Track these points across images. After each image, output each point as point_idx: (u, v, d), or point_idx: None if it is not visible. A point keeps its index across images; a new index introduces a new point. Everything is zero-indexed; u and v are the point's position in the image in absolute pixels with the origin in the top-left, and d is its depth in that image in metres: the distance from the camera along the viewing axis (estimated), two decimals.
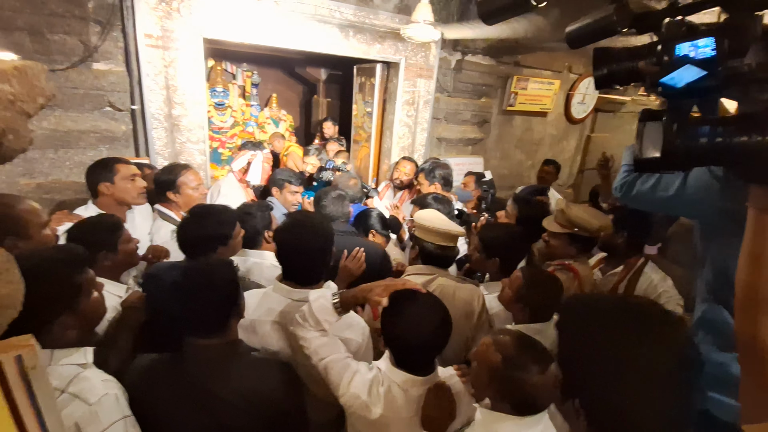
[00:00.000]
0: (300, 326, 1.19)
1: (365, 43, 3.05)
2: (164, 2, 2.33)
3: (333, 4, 2.77)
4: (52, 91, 0.79)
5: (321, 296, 1.18)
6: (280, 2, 2.60)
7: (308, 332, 1.17)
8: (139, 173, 2.02)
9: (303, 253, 1.37)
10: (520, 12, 1.14)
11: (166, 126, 2.56)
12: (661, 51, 0.77)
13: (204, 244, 1.57)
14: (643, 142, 0.75)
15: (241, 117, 5.94)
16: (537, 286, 1.52)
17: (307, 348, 1.18)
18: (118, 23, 2.29)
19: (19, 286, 0.69)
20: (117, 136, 2.42)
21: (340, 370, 1.15)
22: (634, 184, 1.23)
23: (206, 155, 2.79)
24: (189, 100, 2.59)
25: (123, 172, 1.95)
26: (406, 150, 3.60)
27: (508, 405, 0.96)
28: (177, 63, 2.47)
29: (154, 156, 2.55)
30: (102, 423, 0.91)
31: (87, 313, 1.08)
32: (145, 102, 2.42)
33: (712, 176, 1.07)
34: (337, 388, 1.14)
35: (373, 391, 1.11)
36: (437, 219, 1.74)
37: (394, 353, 1.15)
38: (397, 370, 1.13)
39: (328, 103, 6.29)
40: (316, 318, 1.15)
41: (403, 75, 3.32)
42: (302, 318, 1.18)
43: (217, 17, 2.49)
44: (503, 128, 4.14)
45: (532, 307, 1.52)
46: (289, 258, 1.40)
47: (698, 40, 0.72)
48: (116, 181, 1.93)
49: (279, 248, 1.41)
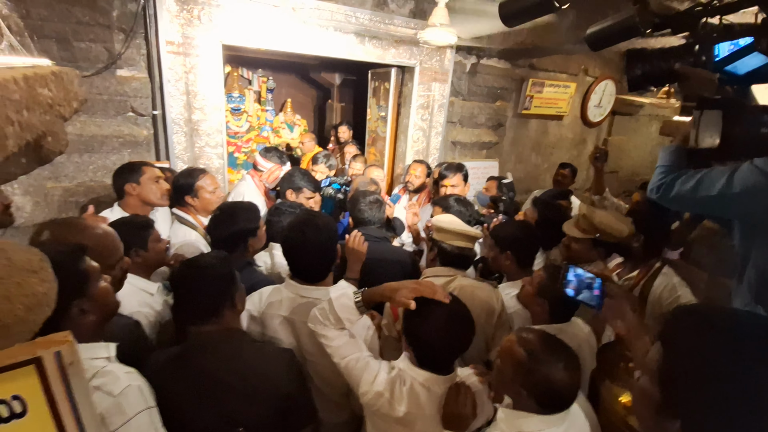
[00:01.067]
0: (320, 324, 1.19)
1: (380, 48, 3.07)
2: (185, 10, 2.39)
3: (349, 9, 2.80)
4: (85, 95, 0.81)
5: (343, 294, 1.18)
6: (297, 9, 2.64)
7: (329, 330, 1.18)
8: (163, 176, 2.08)
9: (307, 251, 1.41)
10: (542, 13, 1.13)
11: (185, 131, 2.61)
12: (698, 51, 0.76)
13: (237, 238, 1.72)
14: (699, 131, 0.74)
15: (257, 122, 6.02)
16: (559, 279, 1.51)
17: (328, 346, 1.18)
18: (141, 31, 2.35)
19: (54, 284, 0.71)
20: (139, 141, 2.48)
21: (363, 369, 1.15)
22: (674, 184, 1.20)
23: (224, 159, 2.83)
24: (208, 105, 2.64)
25: (149, 173, 2.01)
26: (421, 154, 3.60)
27: (534, 401, 0.96)
28: (197, 69, 2.53)
29: (174, 160, 2.60)
30: (127, 413, 0.91)
31: (99, 299, 1.08)
32: (166, 107, 2.48)
33: (761, 174, 1.04)
34: (359, 386, 1.14)
35: (396, 389, 1.12)
36: (455, 221, 1.77)
37: (417, 353, 1.16)
38: (418, 369, 1.14)
39: (342, 107, 6.34)
40: (337, 316, 1.16)
41: (418, 79, 3.32)
42: (323, 315, 1.18)
43: (236, 24, 2.54)
44: (518, 131, 4.11)
45: (552, 301, 1.49)
46: (294, 256, 1.45)
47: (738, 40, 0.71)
48: (142, 182, 1.99)
49: (284, 246, 1.46)
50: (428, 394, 1.11)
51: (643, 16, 1.20)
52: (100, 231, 1.30)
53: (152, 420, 0.96)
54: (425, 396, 1.11)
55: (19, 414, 0.45)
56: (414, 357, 1.16)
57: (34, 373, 0.45)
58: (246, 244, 1.75)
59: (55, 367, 0.45)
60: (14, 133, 0.46)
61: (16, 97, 0.48)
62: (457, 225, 1.73)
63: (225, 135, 2.80)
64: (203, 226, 2.20)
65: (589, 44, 1.27)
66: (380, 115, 3.85)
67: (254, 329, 1.45)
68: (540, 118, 4.19)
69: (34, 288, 0.64)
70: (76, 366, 0.47)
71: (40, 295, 0.64)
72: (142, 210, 2.02)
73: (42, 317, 0.64)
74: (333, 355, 1.18)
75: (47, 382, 0.45)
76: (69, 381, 0.47)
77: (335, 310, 1.16)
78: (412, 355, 1.17)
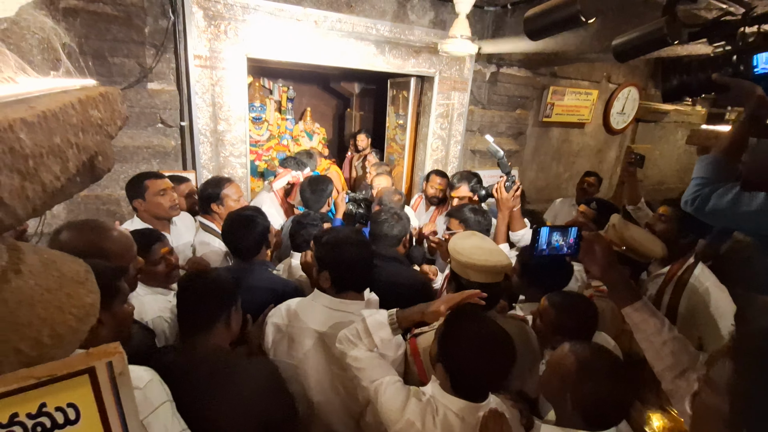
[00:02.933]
0: (350, 344, 1.17)
1: (400, 58, 3.11)
2: (213, 25, 2.47)
3: (370, 21, 2.85)
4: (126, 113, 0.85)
5: (376, 312, 1.18)
6: (319, 22, 2.70)
7: (359, 351, 1.15)
8: (169, 186, 2.09)
9: (344, 265, 1.39)
10: (568, 28, 1.13)
11: (211, 141, 2.69)
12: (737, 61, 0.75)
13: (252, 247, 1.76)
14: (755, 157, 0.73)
15: (277, 130, 6.15)
16: (568, 311, 1.44)
17: (356, 368, 1.15)
18: (171, 46, 2.45)
19: (98, 295, 0.74)
20: (167, 151, 2.57)
21: (393, 395, 1.09)
22: (710, 197, 1.17)
23: (247, 168, 2.90)
24: (233, 116, 2.72)
25: (152, 188, 2.02)
26: (440, 162, 3.60)
27: (580, 416, 0.94)
28: (223, 81, 2.61)
29: (200, 169, 2.68)
30: (153, 404, 0.96)
31: (119, 318, 1.13)
32: (193, 118, 2.57)
33: None
34: (389, 413, 1.08)
35: (427, 419, 1.05)
36: (477, 249, 1.44)
37: (453, 379, 1.09)
38: (452, 396, 1.07)
39: (361, 116, 6.41)
40: (370, 336, 1.14)
41: (438, 88, 3.34)
42: (354, 336, 1.16)
43: (261, 38, 2.62)
44: (540, 140, 4.07)
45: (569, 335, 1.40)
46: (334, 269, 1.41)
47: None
48: (147, 198, 2.02)
49: (323, 260, 1.43)
50: (462, 425, 1.05)
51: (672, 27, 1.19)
52: (115, 233, 1.38)
53: (173, 410, 1.01)
54: (459, 426, 1.04)
55: (73, 421, 0.47)
56: (449, 383, 1.10)
57: (88, 382, 0.47)
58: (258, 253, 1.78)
59: (106, 377, 0.48)
60: (74, 155, 0.49)
61: (74, 121, 0.51)
62: (480, 255, 1.41)
63: (248, 145, 2.87)
64: None
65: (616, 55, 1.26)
66: (398, 123, 3.89)
67: (279, 340, 1.46)
68: (561, 126, 4.14)
69: (83, 299, 0.67)
70: (124, 376, 0.49)
71: (88, 306, 0.67)
72: (157, 222, 2.06)
73: (88, 326, 0.67)
74: (361, 379, 1.14)
75: (99, 390, 0.48)
76: (118, 390, 0.49)
77: (369, 330, 1.14)
78: (446, 380, 1.10)
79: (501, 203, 2.08)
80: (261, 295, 1.61)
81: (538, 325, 1.50)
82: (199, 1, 2.39)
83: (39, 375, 0.44)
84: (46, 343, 0.58)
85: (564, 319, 1.42)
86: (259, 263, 1.78)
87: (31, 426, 0.45)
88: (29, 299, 0.61)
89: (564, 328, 1.42)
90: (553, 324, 1.43)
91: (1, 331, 0.55)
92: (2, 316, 0.57)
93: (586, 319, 1.45)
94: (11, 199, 0.33)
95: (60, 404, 0.46)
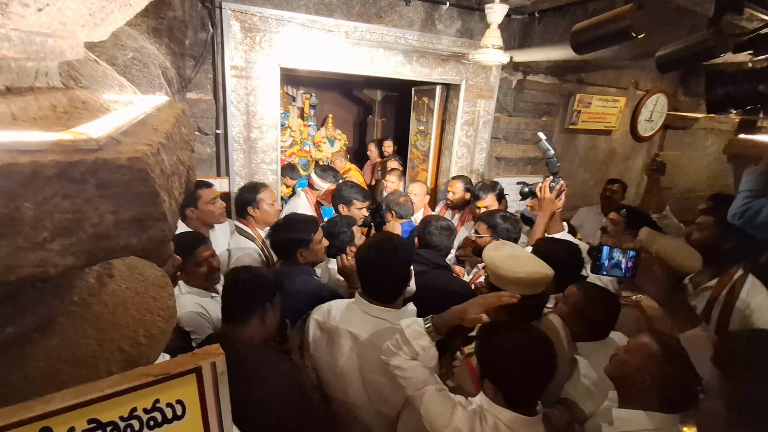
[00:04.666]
0: (393, 354, 1.19)
1: (427, 67, 3.14)
2: (249, 37, 2.56)
3: (398, 31, 2.90)
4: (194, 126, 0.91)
5: (413, 322, 1.19)
6: (350, 33, 2.77)
7: (403, 361, 1.16)
8: (218, 195, 2.21)
9: (381, 271, 1.42)
10: (617, 42, 1.14)
11: (244, 148, 2.77)
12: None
13: (288, 247, 1.85)
14: None
15: (299, 137, 6.26)
16: (595, 301, 1.48)
17: (403, 378, 1.16)
18: (209, 57, 2.54)
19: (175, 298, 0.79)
20: (203, 158, 2.66)
21: (442, 402, 1.10)
22: (761, 210, 1.16)
23: (277, 175, 2.97)
24: (265, 124, 2.80)
25: (204, 197, 2.15)
26: (464, 169, 3.61)
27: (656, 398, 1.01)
28: (257, 91, 2.69)
29: (233, 176, 2.76)
30: None
31: None
32: (228, 127, 2.65)
33: None
34: (436, 420, 1.09)
35: (476, 428, 1.06)
36: (514, 260, 1.38)
37: (504, 392, 1.08)
38: (502, 408, 1.07)
39: (382, 123, 6.47)
40: (410, 344, 1.15)
41: (464, 96, 3.36)
42: (395, 346, 1.18)
43: (293, 48, 2.69)
44: (566, 147, 4.03)
45: (591, 322, 1.48)
46: (368, 274, 1.46)
47: None
48: (200, 206, 2.14)
49: (360, 264, 1.47)
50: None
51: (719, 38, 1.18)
52: None
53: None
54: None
55: (180, 416, 0.51)
56: (501, 397, 1.08)
57: (194, 380, 0.51)
58: (295, 253, 1.85)
59: (210, 376, 0.51)
60: (183, 170, 0.53)
61: (177, 138, 0.56)
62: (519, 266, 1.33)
63: (279, 152, 2.94)
64: (261, 239, 2.33)
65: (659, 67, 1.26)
66: (418, 129, 3.92)
67: (319, 336, 1.52)
68: (588, 133, 4.09)
69: (166, 302, 0.72)
70: (224, 376, 0.52)
71: (171, 308, 0.71)
72: (202, 228, 2.18)
73: (171, 327, 0.72)
74: (407, 388, 1.15)
75: (203, 388, 0.51)
76: (219, 389, 0.53)
77: (407, 338, 1.15)
78: (496, 395, 1.09)
79: (543, 203, 2.07)
80: (302, 299, 1.65)
81: (560, 308, 1.53)
82: (237, 14, 2.48)
83: (155, 373, 0.48)
84: (142, 342, 0.62)
85: (588, 305, 1.46)
86: (301, 268, 1.83)
87: (146, 420, 0.49)
88: (123, 302, 0.66)
89: (585, 314, 1.46)
90: (576, 307, 1.47)
91: (106, 331, 0.60)
92: (105, 317, 0.61)
93: (608, 310, 1.49)
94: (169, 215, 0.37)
95: (170, 400, 0.50)
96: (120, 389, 0.45)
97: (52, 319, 0.54)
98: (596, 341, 1.49)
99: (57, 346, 0.52)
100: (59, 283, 0.56)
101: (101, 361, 0.53)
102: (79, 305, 0.58)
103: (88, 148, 0.31)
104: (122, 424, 0.48)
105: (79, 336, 0.54)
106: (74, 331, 0.55)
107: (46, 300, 0.54)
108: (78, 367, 0.51)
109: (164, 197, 0.35)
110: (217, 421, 0.55)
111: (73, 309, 0.57)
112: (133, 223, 0.33)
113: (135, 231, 0.34)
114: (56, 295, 0.56)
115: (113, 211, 0.32)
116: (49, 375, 0.48)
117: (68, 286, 0.58)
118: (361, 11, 2.80)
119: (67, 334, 0.54)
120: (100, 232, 0.32)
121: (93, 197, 0.31)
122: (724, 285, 1.66)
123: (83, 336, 0.55)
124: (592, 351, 1.46)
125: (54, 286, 0.55)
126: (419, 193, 3.16)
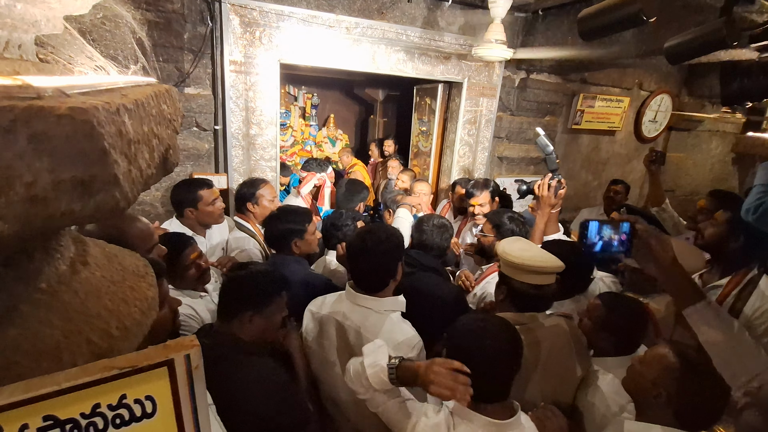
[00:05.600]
0: (351, 382, 1.13)
1: (429, 65, 3.10)
2: (248, 32, 2.52)
3: (400, 28, 2.86)
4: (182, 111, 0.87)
5: (376, 364, 1.06)
6: (351, 29, 2.73)
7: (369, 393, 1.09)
8: (218, 195, 2.17)
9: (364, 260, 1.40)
10: (626, 28, 1.10)
11: (243, 144, 2.73)
12: None
13: (282, 236, 1.85)
14: None
15: (301, 136, 6.24)
16: (620, 310, 1.41)
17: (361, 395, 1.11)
18: (208, 51, 2.51)
19: (157, 289, 0.74)
20: (201, 154, 2.62)
21: (403, 415, 1.04)
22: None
23: (276, 172, 2.93)
24: (264, 121, 2.76)
25: (205, 198, 2.11)
26: (466, 169, 3.56)
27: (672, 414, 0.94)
28: (256, 87, 2.65)
29: (231, 172, 2.72)
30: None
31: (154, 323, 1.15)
32: (227, 122, 2.61)
33: None
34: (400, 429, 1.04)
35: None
36: (527, 251, 1.42)
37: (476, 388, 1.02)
38: (474, 413, 1.01)
39: (384, 122, 6.43)
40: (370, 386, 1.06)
41: (466, 94, 3.31)
42: (356, 377, 1.09)
43: (293, 44, 2.65)
44: (569, 147, 3.98)
45: (618, 335, 1.40)
46: (353, 262, 1.46)
47: None
48: (200, 207, 2.11)
49: (347, 252, 1.48)
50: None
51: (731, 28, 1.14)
52: (138, 222, 1.49)
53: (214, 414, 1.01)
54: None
55: (150, 414, 0.47)
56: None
57: (166, 374, 0.46)
58: (289, 247, 1.85)
59: (183, 370, 0.47)
60: (156, 145, 0.49)
61: (153, 112, 0.51)
62: (532, 256, 1.38)
63: (278, 149, 2.90)
64: (260, 234, 2.29)
65: (668, 57, 1.21)
66: (421, 129, 3.88)
67: (312, 327, 1.51)
68: (591, 133, 4.04)
69: (145, 292, 0.67)
70: (199, 370, 0.48)
71: (150, 299, 0.67)
72: (200, 228, 2.16)
73: (150, 320, 0.67)
74: (368, 404, 1.10)
75: (176, 383, 0.47)
76: (193, 384, 0.48)
77: (369, 382, 1.06)
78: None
79: (542, 201, 2.02)
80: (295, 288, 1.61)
81: (585, 324, 1.47)
82: (236, 9, 2.45)
83: (120, 366, 0.43)
84: (114, 335, 0.58)
85: (612, 317, 1.39)
86: (295, 258, 1.82)
87: (111, 417, 0.44)
88: (97, 291, 0.62)
89: (610, 327, 1.39)
90: (601, 320, 1.40)
91: (74, 322, 0.55)
92: (75, 306, 0.57)
93: (634, 322, 1.41)
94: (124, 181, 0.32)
95: (139, 396, 0.45)
96: (79, 383, 0.41)
97: (13, 307, 0.49)
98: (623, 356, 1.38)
99: (16, 337, 0.47)
100: (25, 268, 0.52)
101: (66, 353, 0.49)
102: (45, 293, 0.53)
103: (24, 96, 0.27)
104: (84, 421, 0.43)
105: (42, 326, 0.50)
106: (38, 320, 0.50)
107: (7, 286, 0.49)
108: (38, 360, 0.47)
109: (118, 159, 0.31)
110: (193, 420, 0.50)
111: (38, 297, 0.52)
112: (75, 185, 0.29)
113: (78, 195, 0.29)
114: (20, 281, 0.51)
115: (50, 169, 0.27)
116: (4, 368, 0.44)
117: (35, 272, 0.53)
118: (363, 7, 2.76)
119: (30, 324, 0.49)
120: (35, 194, 0.28)
121: (25, 151, 0.26)
122: (737, 284, 1.58)
123: (47, 326, 0.50)
124: (618, 366, 1.33)
125: (18, 271, 0.51)
126: (427, 192, 3.12)
